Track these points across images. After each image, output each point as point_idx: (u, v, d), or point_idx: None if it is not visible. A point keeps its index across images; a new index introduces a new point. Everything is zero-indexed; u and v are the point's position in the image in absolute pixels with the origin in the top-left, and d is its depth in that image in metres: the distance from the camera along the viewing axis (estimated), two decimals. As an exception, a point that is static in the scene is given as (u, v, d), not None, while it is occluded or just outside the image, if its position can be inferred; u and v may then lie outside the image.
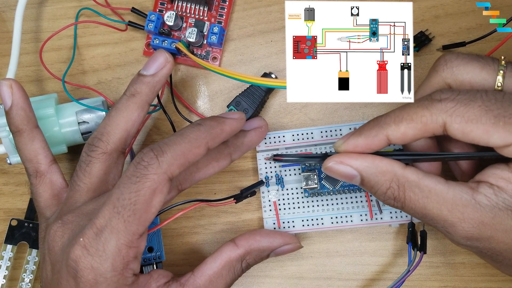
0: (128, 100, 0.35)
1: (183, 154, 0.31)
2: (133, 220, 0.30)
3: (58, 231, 0.33)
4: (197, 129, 0.32)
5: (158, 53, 0.36)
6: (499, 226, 0.29)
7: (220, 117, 0.34)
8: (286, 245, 0.37)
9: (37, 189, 0.36)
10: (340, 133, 0.40)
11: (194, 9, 0.43)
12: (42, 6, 0.45)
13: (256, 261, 0.36)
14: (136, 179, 0.30)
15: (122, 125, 0.35)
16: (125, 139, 0.35)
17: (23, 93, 0.36)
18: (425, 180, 0.30)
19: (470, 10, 0.42)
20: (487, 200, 0.29)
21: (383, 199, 0.32)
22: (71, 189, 0.35)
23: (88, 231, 0.30)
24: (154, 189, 0.30)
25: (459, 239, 0.30)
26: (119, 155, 0.35)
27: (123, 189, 0.30)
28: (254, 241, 0.36)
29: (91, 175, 0.34)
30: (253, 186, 0.40)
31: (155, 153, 0.30)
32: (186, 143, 0.31)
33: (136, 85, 0.35)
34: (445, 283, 0.41)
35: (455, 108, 0.29)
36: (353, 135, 0.32)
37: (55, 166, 0.37)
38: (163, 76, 0.36)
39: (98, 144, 0.34)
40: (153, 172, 0.30)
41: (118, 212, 0.30)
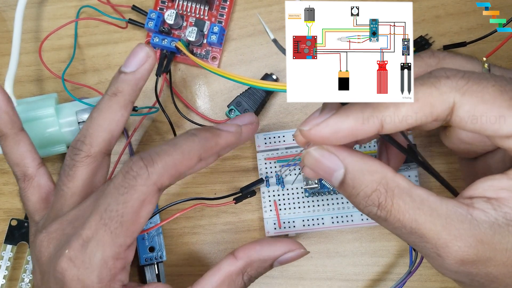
0: (110, 100, 0.34)
1: (174, 165, 0.29)
2: (120, 232, 0.29)
3: (43, 241, 0.32)
4: (191, 140, 0.31)
5: (138, 47, 0.34)
6: (499, 245, 0.25)
7: (216, 129, 0.33)
8: (290, 252, 0.34)
9: (25, 193, 0.35)
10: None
11: (194, 8, 0.43)
12: (42, 6, 0.45)
13: (259, 273, 0.33)
14: (124, 190, 0.29)
15: (105, 127, 0.33)
16: (109, 141, 0.34)
17: (5, 97, 0.34)
18: (416, 189, 0.26)
19: (471, 10, 0.42)
20: (486, 216, 0.25)
21: (364, 204, 0.26)
22: (56, 194, 0.34)
23: (74, 243, 0.29)
24: (142, 201, 0.29)
25: (451, 264, 0.25)
26: (104, 157, 0.34)
27: (110, 200, 0.29)
28: (253, 251, 0.33)
29: (75, 179, 0.33)
30: (253, 185, 0.40)
31: (145, 162, 0.29)
32: (178, 154, 0.30)
33: (117, 84, 0.34)
34: (445, 284, 0.40)
35: (468, 86, 0.24)
36: (336, 116, 0.25)
37: (43, 169, 0.36)
38: (145, 72, 0.34)
39: (82, 148, 0.33)
40: (142, 183, 0.29)
41: (105, 223, 0.29)
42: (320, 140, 0.26)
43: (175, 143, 0.30)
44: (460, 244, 0.25)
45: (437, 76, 0.25)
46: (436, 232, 0.25)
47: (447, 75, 0.25)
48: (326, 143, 0.26)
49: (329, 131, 0.25)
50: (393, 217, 0.25)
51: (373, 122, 0.25)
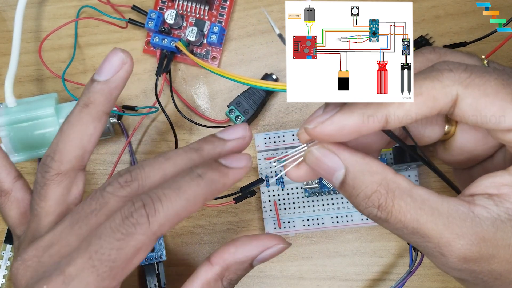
0: (81, 112, 0.31)
1: (177, 214, 0.27)
2: (107, 276, 0.27)
3: (19, 269, 0.30)
4: (196, 183, 0.28)
5: (112, 52, 0.31)
6: (501, 241, 0.25)
7: (223, 167, 0.29)
8: (267, 249, 0.31)
9: (3, 209, 0.33)
10: (340, 133, 0.40)
11: (194, 8, 0.43)
12: (42, 5, 0.45)
13: (239, 275, 0.31)
14: (121, 236, 0.27)
15: (77, 141, 0.31)
16: (81, 156, 0.31)
17: None
18: (417, 189, 0.26)
19: (471, 10, 0.42)
20: (487, 212, 0.25)
21: (364, 205, 0.26)
22: (31, 213, 0.32)
23: (54, 278, 0.27)
24: (138, 249, 0.27)
25: (454, 262, 0.25)
26: (77, 173, 0.32)
27: (104, 243, 0.27)
28: (228, 254, 0.31)
29: (47, 198, 0.31)
30: (253, 184, 0.40)
31: (146, 210, 0.27)
32: (182, 201, 0.27)
33: (89, 94, 0.31)
34: (445, 284, 0.40)
35: (470, 79, 0.24)
36: (341, 113, 0.25)
37: (20, 183, 0.33)
38: (120, 80, 0.31)
39: (51, 164, 0.31)
40: (142, 232, 0.27)
41: (93, 265, 0.27)
42: (325, 137, 0.26)
43: (179, 186, 0.28)
44: (462, 242, 0.24)
45: (439, 69, 0.25)
46: (439, 231, 0.25)
47: (449, 68, 0.25)
48: (331, 140, 0.26)
49: (335, 128, 0.25)
50: (395, 218, 0.25)
51: (378, 117, 0.25)
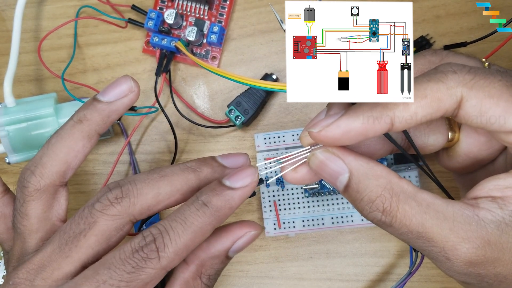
0: (74, 127, 0.30)
1: (186, 247, 0.27)
2: None
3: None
4: (201, 213, 0.27)
5: (123, 78, 0.31)
6: (506, 244, 0.25)
7: (228, 190, 0.28)
8: (240, 239, 0.30)
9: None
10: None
11: (194, 7, 0.43)
12: (41, 5, 0.45)
13: (217, 269, 0.31)
14: (131, 269, 0.26)
15: (62, 156, 0.30)
16: (64, 172, 0.30)
17: None
18: (422, 193, 0.26)
19: (471, 10, 0.42)
20: (492, 215, 0.25)
21: (368, 210, 0.26)
22: (14, 231, 0.31)
23: None
24: (147, 283, 0.27)
25: (459, 266, 0.25)
26: (58, 189, 0.30)
27: (114, 274, 0.27)
28: (201, 251, 0.30)
29: (28, 216, 0.30)
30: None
31: (157, 245, 0.27)
32: (189, 234, 0.27)
33: (87, 111, 0.30)
34: (445, 284, 0.40)
35: (475, 80, 0.25)
36: (346, 116, 0.25)
37: (7, 197, 0.32)
38: (122, 106, 0.31)
39: (30, 179, 0.29)
40: (152, 267, 0.26)
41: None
42: (330, 141, 0.25)
43: (185, 218, 0.27)
44: (468, 246, 0.24)
45: (443, 71, 0.25)
46: (444, 235, 0.25)
47: (453, 70, 0.25)
48: (336, 144, 0.26)
49: (340, 132, 0.25)
50: (399, 222, 0.25)
51: (383, 120, 0.25)
